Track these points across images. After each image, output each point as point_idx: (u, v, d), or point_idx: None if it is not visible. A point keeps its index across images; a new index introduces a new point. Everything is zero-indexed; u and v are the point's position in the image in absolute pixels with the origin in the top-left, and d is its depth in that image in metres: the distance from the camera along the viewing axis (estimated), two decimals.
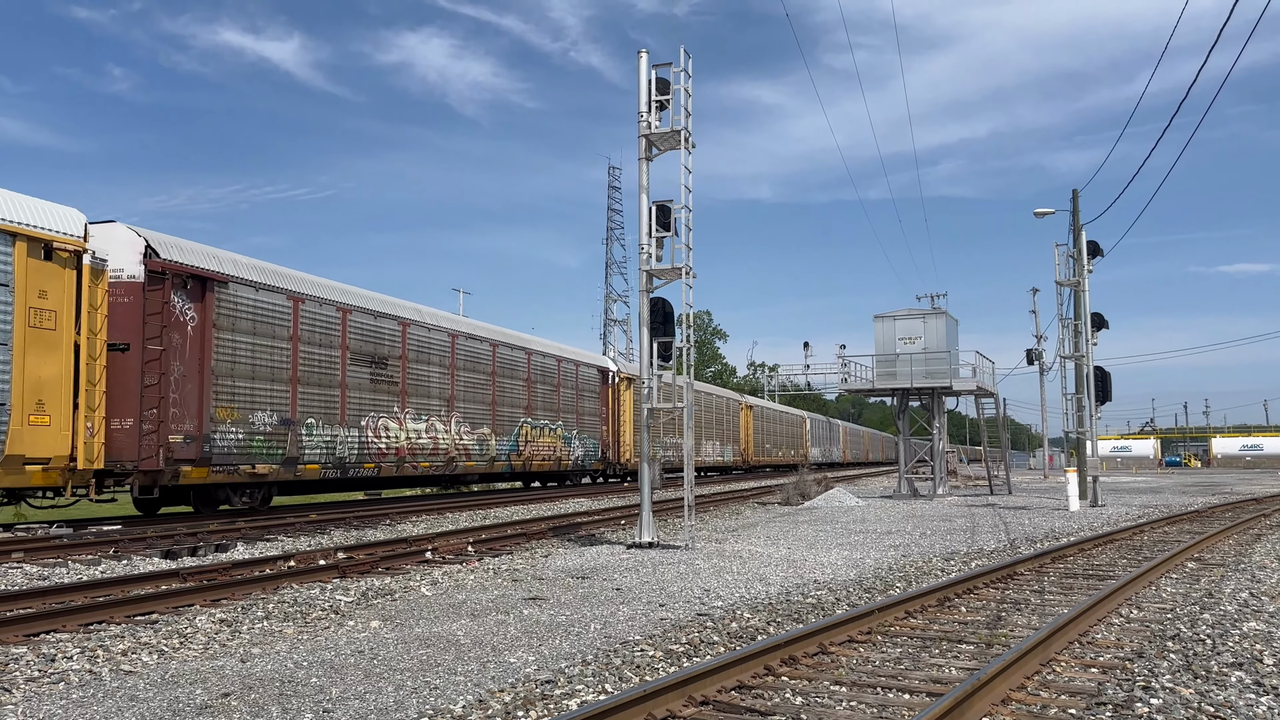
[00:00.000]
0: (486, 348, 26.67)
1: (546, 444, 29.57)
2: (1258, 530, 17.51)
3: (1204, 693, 5.82)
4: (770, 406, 61.57)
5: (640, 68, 14.45)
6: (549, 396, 30.12)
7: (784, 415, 64.13)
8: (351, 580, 10.62)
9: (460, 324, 26.26)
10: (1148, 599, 9.45)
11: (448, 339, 24.74)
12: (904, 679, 6.17)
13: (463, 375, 25.19)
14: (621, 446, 35.44)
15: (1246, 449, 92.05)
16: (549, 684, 6.01)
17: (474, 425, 25.52)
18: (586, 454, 32.56)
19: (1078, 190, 28.58)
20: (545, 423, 29.60)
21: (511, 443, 27.41)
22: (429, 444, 23.39)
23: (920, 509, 23.71)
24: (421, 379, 23.34)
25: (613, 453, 34.75)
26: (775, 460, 58.94)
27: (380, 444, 21.57)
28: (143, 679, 6.20)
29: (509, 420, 27.42)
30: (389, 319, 22.34)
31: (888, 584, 10.55)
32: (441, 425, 24.00)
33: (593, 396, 33.48)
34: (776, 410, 62.69)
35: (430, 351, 23.81)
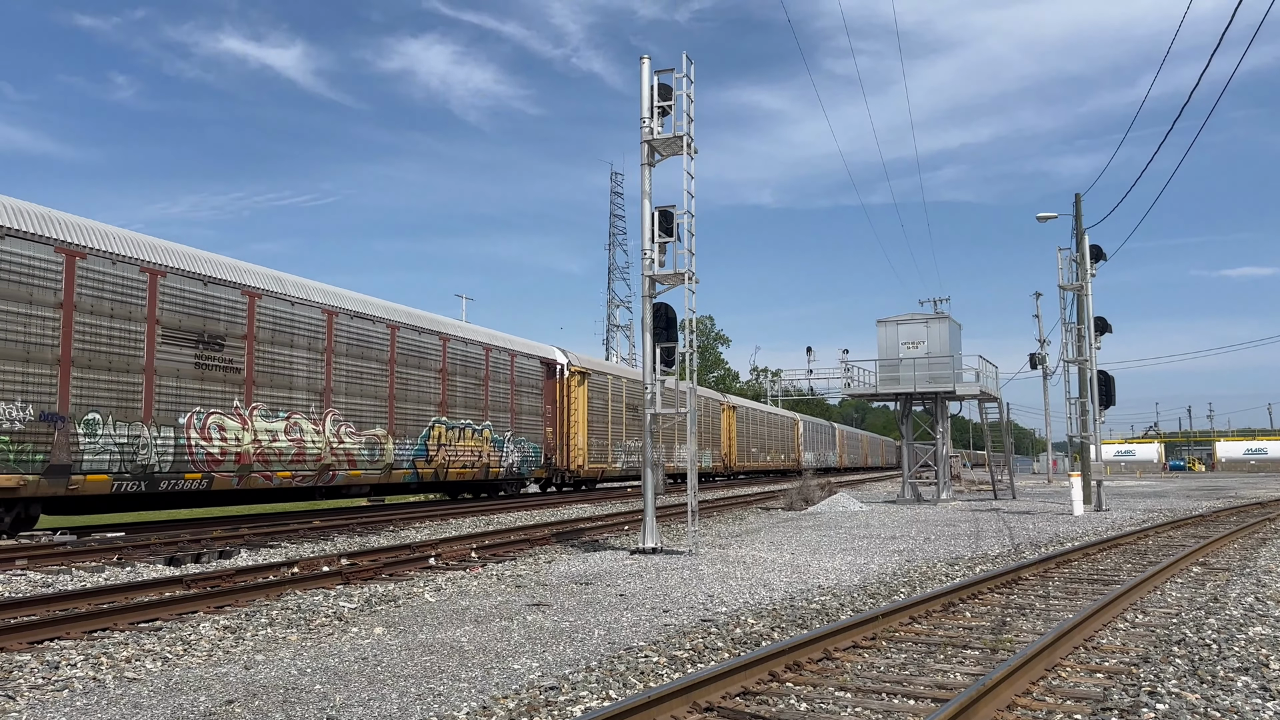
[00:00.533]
0: (382, 330, 22.09)
1: (468, 448, 25.06)
2: (1263, 534, 17.46)
3: (1210, 698, 5.80)
4: (757, 407, 57.54)
5: (643, 74, 14.47)
6: (473, 391, 25.58)
7: (773, 417, 60.25)
8: (355, 586, 10.61)
9: (344, 299, 21.35)
10: (1153, 604, 9.43)
11: (321, 317, 20.17)
12: (909, 684, 6.15)
13: (345, 363, 20.72)
14: (572, 451, 30.98)
15: (1251, 453, 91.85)
16: (553, 690, 6.00)
17: (361, 425, 21.06)
18: (525, 460, 28.11)
19: (1080, 194, 28.61)
20: (467, 423, 25.12)
21: (418, 447, 22.90)
22: (290, 448, 18.88)
23: (924, 514, 23.67)
24: (280, 366, 18.89)
25: (560, 458, 30.27)
26: (763, 465, 55.65)
27: (211, 448, 17.17)
28: (147, 686, 6.19)
29: (415, 419, 22.93)
30: (227, 287, 17.77)
31: (892, 589, 10.53)
32: (310, 424, 19.52)
33: (534, 392, 28.93)
34: (764, 411, 58.68)
35: (295, 332, 19.33)
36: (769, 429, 57.90)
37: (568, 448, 30.84)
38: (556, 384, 30.38)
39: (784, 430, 62.00)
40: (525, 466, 28.23)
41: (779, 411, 63.58)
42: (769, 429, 57.90)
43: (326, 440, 20.05)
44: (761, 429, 56.07)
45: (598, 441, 32.45)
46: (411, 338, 23.22)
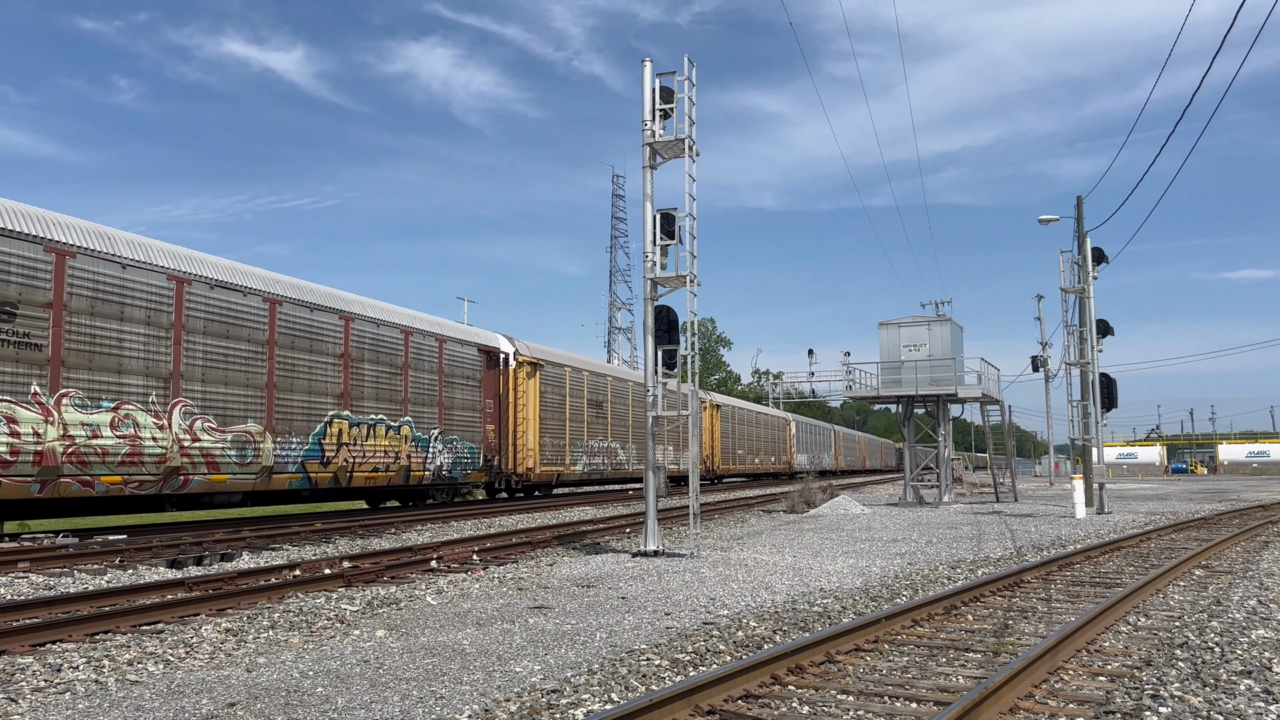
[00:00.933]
0: (257, 305, 18.25)
1: (381, 448, 21.37)
2: (1265, 537, 17.44)
3: (1213, 701, 5.79)
4: (744, 406, 53.88)
5: (644, 76, 14.48)
6: (388, 382, 21.85)
7: (762, 417, 56.53)
8: (357, 589, 10.61)
9: (201, 264, 17.49)
10: (1155, 607, 9.41)
11: (167, 285, 16.48)
12: (911, 688, 6.15)
13: (202, 343, 16.99)
14: (520, 453, 27.22)
15: (1253, 455, 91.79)
16: (555, 693, 6.00)
17: (226, 419, 17.25)
18: (458, 462, 24.21)
19: (1082, 197, 28.60)
20: (379, 419, 21.38)
21: (309, 446, 19.20)
22: (119, 446, 15.28)
23: (926, 516, 23.65)
24: (105, 343, 15.27)
25: (504, 460, 26.44)
26: (750, 469, 52.29)
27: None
28: (148, 689, 6.19)
29: (306, 413, 19.21)
30: (23, 241, 14.22)
31: (894, 592, 10.52)
32: (150, 418, 15.87)
33: (470, 385, 25.01)
34: (752, 411, 54.86)
35: (128, 302, 15.73)
36: (758, 429, 54.69)
37: (514, 448, 27.00)
38: (500, 376, 26.56)
39: (775, 431, 59.06)
40: (459, 469, 24.29)
41: (769, 411, 60.32)
42: (758, 429, 54.69)
43: (174, 437, 16.20)
44: (749, 429, 52.94)
45: (553, 441, 29.33)
46: (299, 316, 19.32)
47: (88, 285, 15.22)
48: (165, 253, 16.81)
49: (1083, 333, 26.56)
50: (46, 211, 15.09)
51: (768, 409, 60.96)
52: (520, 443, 27.33)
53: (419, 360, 23.21)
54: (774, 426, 58.81)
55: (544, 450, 28.84)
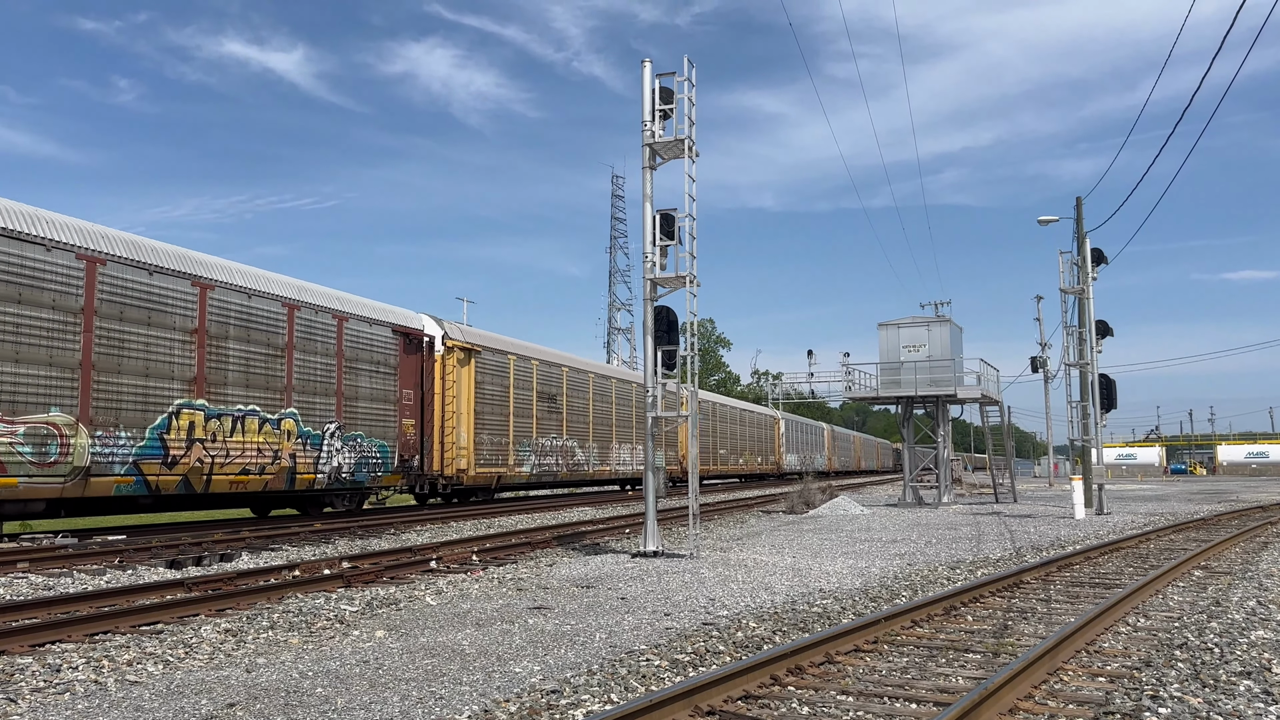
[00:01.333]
0: (64, 264, 14.64)
1: (255, 445, 17.86)
2: (1265, 538, 17.45)
3: (1212, 702, 5.79)
4: (727, 402, 50.32)
5: (644, 77, 14.49)
6: (264, 365, 18.25)
7: (747, 414, 52.80)
8: (356, 590, 10.61)
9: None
10: (1155, 607, 9.41)
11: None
12: (911, 688, 6.15)
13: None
14: (449, 452, 23.75)
15: (1252, 456, 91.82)
16: (554, 694, 6.00)
17: (15, 407, 13.78)
18: (364, 462, 20.60)
19: (1081, 198, 28.62)
20: (252, 409, 17.86)
21: (146, 442, 15.75)
22: None
23: (925, 517, 23.66)
24: None
25: (428, 461, 23.01)
26: (734, 470, 48.52)
27: None
28: (148, 689, 6.19)
29: (140, 401, 15.69)
30: None
31: (894, 593, 10.52)
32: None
33: (382, 372, 21.35)
34: (734, 407, 51.05)
35: None
36: (742, 427, 51.11)
37: (441, 447, 23.59)
38: (424, 362, 23.08)
39: (761, 429, 55.46)
40: (366, 471, 20.66)
41: (754, 408, 56.70)
42: (742, 427, 51.11)
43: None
44: (732, 427, 49.43)
45: (492, 439, 26.01)
46: (132, 280, 15.75)
47: None
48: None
49: (1082, 333, 26.57)
50: None
51: (754, 406, 57.52)
52: (450, 440, 23.83)
53: (309, 341, 19.39)
54: (760, 425, 55.59)
55: (481, 449, 25.34)
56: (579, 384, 32.27)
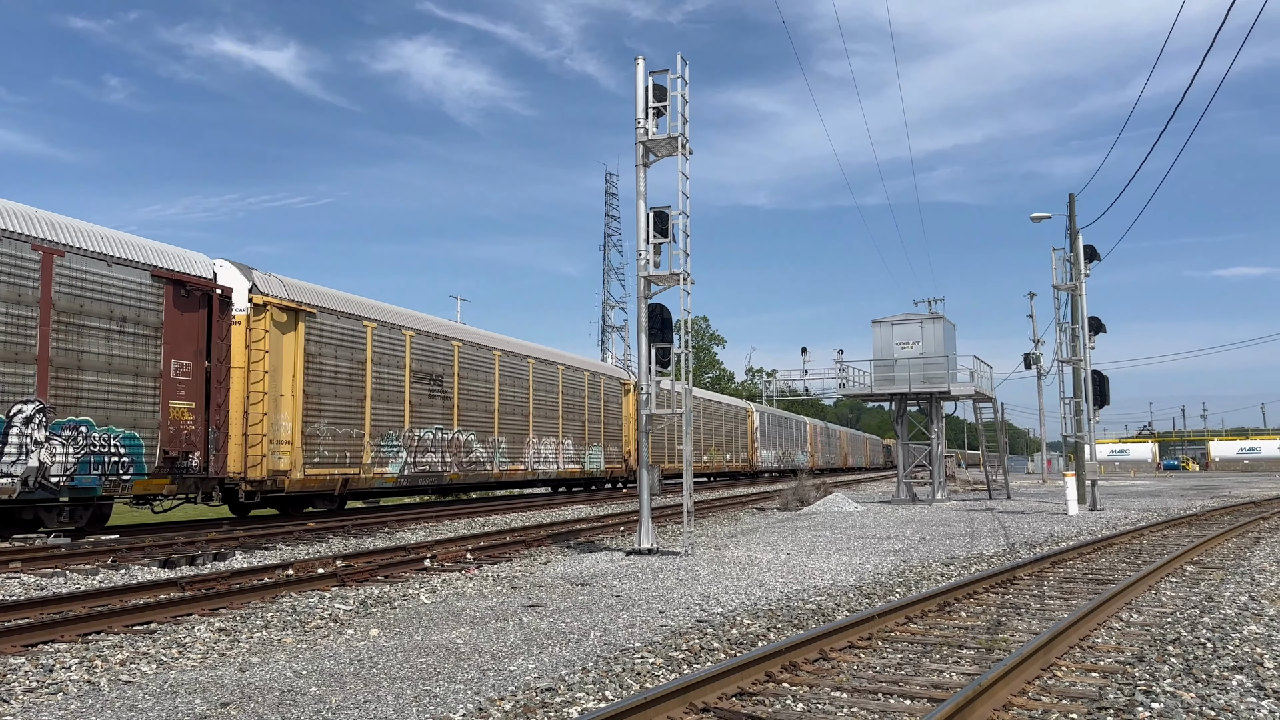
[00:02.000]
0: None
1: None
2: (1256, 533, 17.51)
3: (1205, 696, 5.81)
4: (722, 400, 45.53)
5: (638, 75, 14.48)
6: None
7: (713, 405, 46.77)
8: (350, 588, 10.59)
9: None
10: (1148, 603, 9.44)
11: None
12: (905, 684, 6.16)
13: None
14: (258, 446, 18.04)
15: (1244, 452, 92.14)
16: (549, 692, 6.00)
17: None
18: (95, 461, 15.04)
19: (1074, 195, 28.67)
20: None
21: None
22: None
23: (919, 514, 23.70)
24: None
25: (219, 459, 17.32)
26: (699, 467, 43.11)
27: None
28: (141, 689, 6.17)
29: None
30: None
31: (888, 589, 10.54)
32: None
33: (133, 334, 15.85)
34: (699, 397, 44.68)
35: None
36: (707, 419, 45.02)
37: (245, 440, 17.93)
38: (215, 324, 17.39)
39: (732, 423, 49.41)
40: (104, 473, 15.21)
41: (722, 398, 50.50)
42: (707, 419, 45.02)
43: None
44: (696, 419, 43.01)
45: (336, 430, 20.12)
46: None
47: None
48: None
49: (1075, 330, 26.62)
50: None
51: (722, 397, 51.41)
52: (258, 431, 18.03)
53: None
54: (731, 418, 49.52)
55: (315, 444, 19.42)
56: (480, 364, 26.18)
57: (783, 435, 60.86)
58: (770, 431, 57.43)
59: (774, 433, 58.59)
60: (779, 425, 60.25)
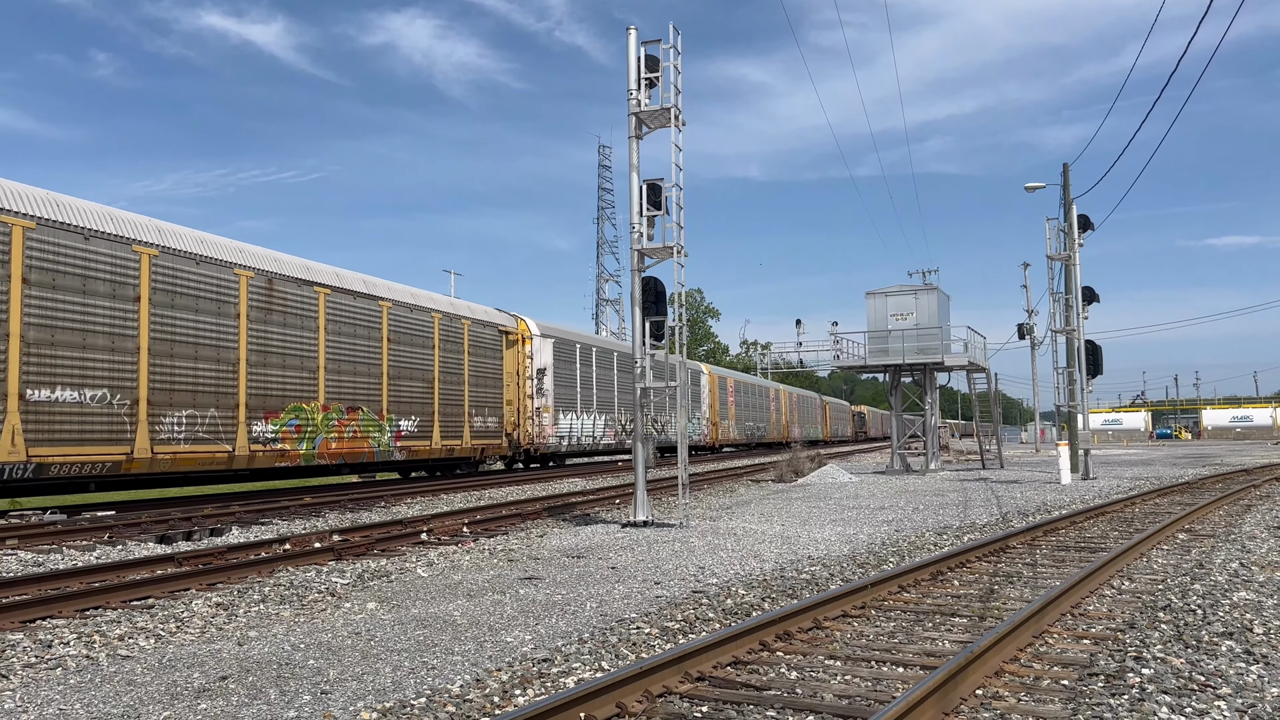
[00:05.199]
0: None
1: None
2: (1248, 501, 17.63)
3: (1195, 662, 5.87)
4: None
5: (629, 45, 14.36)
6: None
7: None
8: (347, 563, 10.64)
9: None
10: (1139, 570, 9.52)
11: None
12: (898, 652, 6.21)
13: None
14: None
15: (1236, 420, 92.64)
16: (546, 662, 6.04)
17: None
18: None
19: (1068, 164, 28.61)
20: None
21: None
22: None
23: (913, 484, 23.82)
24: None
25: None
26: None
27: None
28: (140, 663, 6.21)
29: None
30: None
31: (881, 559, 10.61)
32: None
33: None
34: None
35: None
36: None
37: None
38: None
39: None
40: None
41: None
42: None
43: None
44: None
45: None
46: None
47: None
48: None
49: (1069, 300, 26.65)
50: None
51: None
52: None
53: None
54: None
55: None
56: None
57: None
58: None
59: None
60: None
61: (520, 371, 28.70)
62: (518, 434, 28.42)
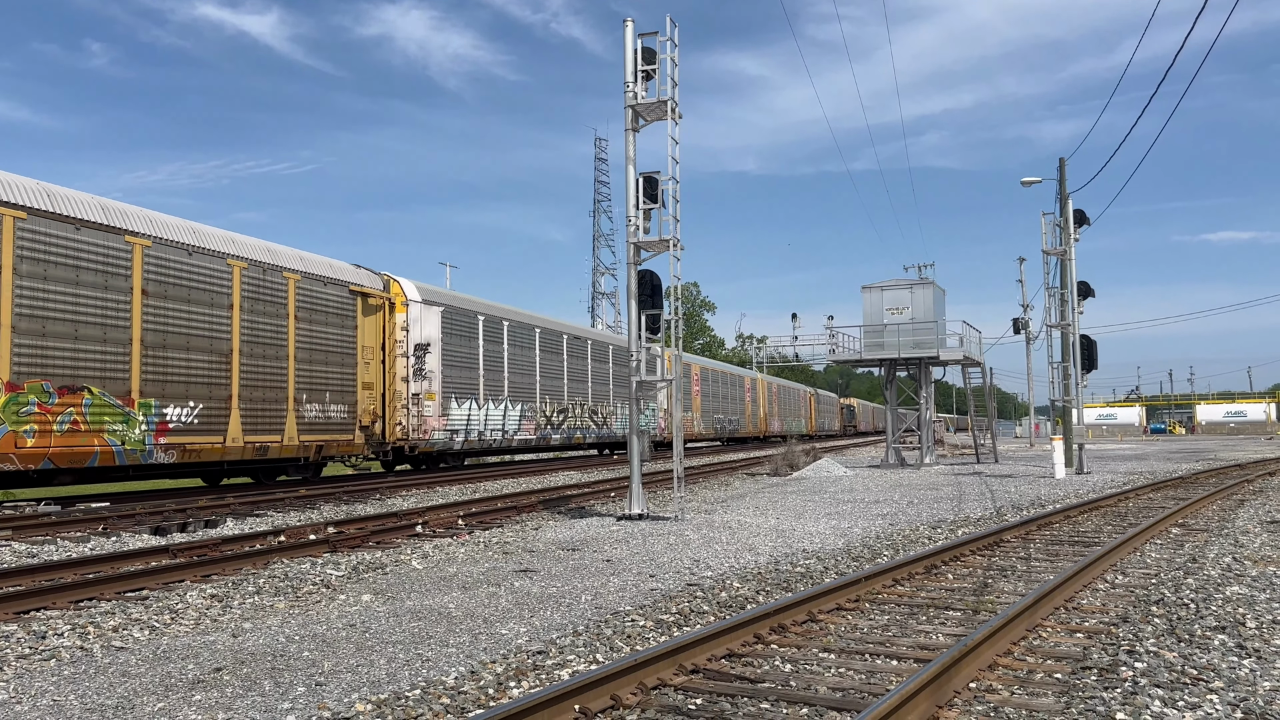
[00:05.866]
0: None
1: None
2: (1241, 495, 17.69)
3: (1187, 656, 5.89)
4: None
5: (626, 37, 14.33)
6: None
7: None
8: (342, 554, 10.63)
9: None
10: (1133, 565, 9.55)
11: None
12: (892, 646, 6.23)
13: None
14: None
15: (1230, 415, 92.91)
16: (540, 655, 6.05)
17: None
18: None
19: (1064, 159, 28.63)
20: None
21: None
22: None
23: (907, 478, 23.86)
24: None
25: None
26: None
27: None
28: (134, 655, 6.20)
29: None
30: None
31: (875, 552, 10.63)
32: None
33: None
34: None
35: None
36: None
37: None
38: None
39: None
40: None
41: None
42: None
43: None
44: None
45: None
46: None
47: None
48: None
49: (1064, 295, 26.68)
50: None
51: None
52: None
53: None
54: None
55: None
56: None
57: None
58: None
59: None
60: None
61: (388, 347, 22.26)
62: (380, 426, 21.88)
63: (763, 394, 58.62)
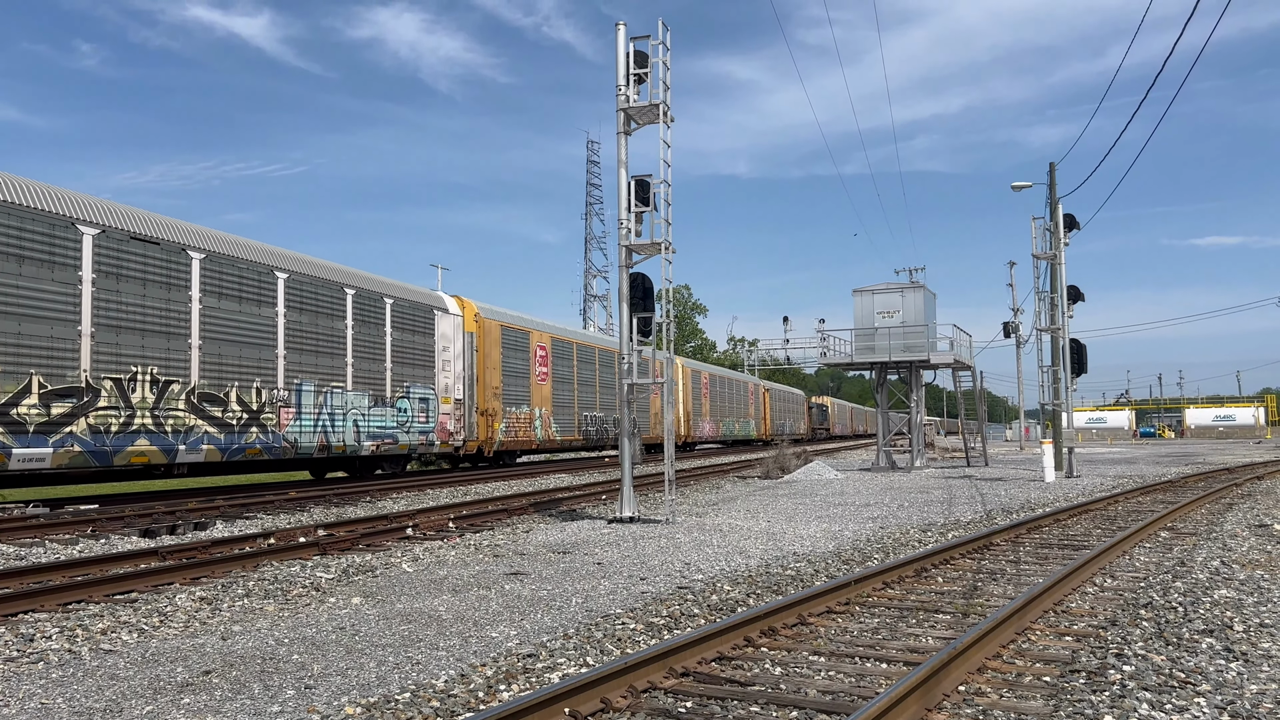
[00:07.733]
0: None
1: None
2: (1229, 499, 17.77)
3: (1175, 659, 5.92)
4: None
5: (618, 41, 14.34)
6: None
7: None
8: (332, 557, 10.61)
9: None
10: (1121, 568, 9.59)
11: None
12: (881, 649, 6.24)
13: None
14: None
15: (1219, 419, 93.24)
16: (531, 657, 6.04)
17: None
18: None
19: (1054, 164, 28.74)
20: None
21: None
22: None
23: (898, 481, 23.91)
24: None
25: None
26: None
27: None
28: (123, 658, 6.18)
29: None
30: None
31: (865, 555, 10.65)
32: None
33: None
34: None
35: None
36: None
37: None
38: None
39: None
40: None
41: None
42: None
43: None
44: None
45: None
46: None
47: None
48: None
49: (1054, 299, 26.79)
50: None
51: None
52: None
53: None
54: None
55: None
56: None
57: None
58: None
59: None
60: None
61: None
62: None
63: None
